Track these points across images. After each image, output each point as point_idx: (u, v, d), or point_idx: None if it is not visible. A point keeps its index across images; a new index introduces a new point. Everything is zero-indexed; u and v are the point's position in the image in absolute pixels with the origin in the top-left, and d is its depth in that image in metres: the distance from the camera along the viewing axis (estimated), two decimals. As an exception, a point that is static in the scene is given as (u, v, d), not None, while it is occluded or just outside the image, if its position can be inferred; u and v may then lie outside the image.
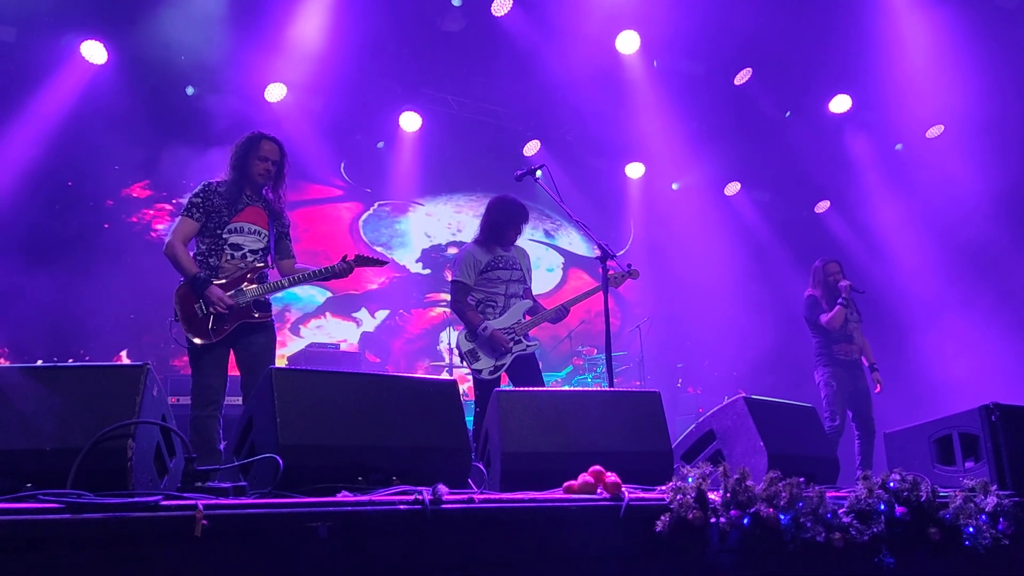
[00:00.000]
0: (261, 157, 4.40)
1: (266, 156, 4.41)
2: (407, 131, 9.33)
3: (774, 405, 3.64)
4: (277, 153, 4.46)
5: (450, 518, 2.10)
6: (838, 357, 6.38)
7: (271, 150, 4.44)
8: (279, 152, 4.48)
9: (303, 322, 9.09)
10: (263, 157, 4.40)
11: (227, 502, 1.96)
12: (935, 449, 3.73)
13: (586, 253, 10.98)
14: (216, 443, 4.01)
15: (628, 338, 9.37)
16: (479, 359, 4.93)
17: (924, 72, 8.52)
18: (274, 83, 8.34)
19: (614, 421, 3.10)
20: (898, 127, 9.59)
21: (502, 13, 8.02)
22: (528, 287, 5.30)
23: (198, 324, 4.11)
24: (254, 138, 4.45)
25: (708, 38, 8.29)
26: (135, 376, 2.34)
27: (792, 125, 9.80)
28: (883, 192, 9.91)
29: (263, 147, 4.42)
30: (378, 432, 2.65)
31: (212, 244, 4.27)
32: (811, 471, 3.30)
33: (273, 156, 4.44)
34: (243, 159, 4.40)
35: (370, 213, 9.94)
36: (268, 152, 4.42)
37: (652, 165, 10.42)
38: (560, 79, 8.69)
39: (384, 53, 8.46)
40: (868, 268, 9.71)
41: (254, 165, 4.39)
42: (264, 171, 4.40)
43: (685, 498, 2.33)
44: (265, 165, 4.40)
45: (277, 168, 4.47)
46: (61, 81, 7.46)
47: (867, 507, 2.65)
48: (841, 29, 8.38)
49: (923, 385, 8.55)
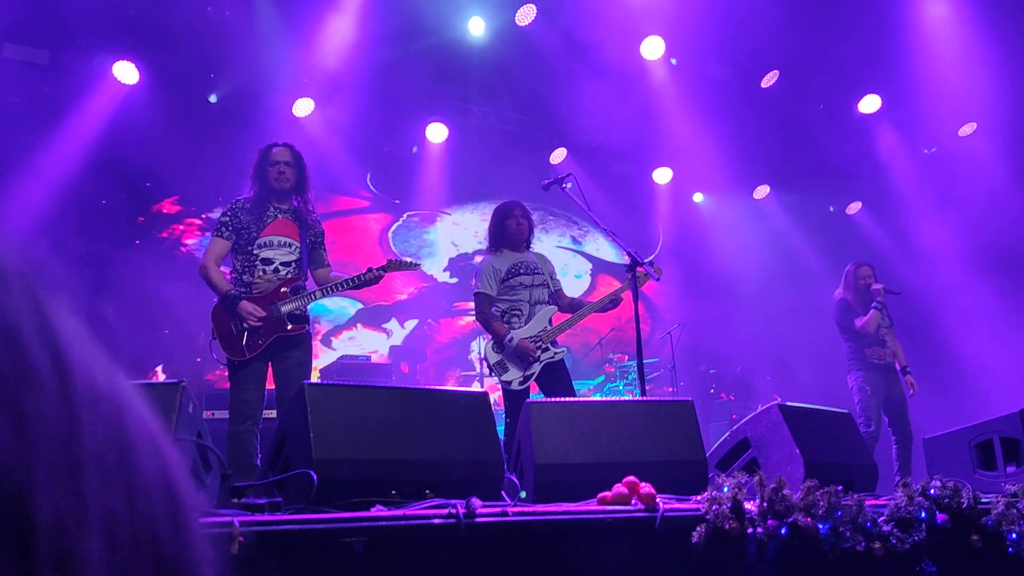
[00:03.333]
0: (272, 162, 4.47)
1: (276, 160, 4.47)
2: (433, 142, 9.37)
3: (809, 412, 3.59)
4: (288, 155, 4.52)
5: (484, 531, 2.10)
6: (871, 361, 6.30)
7: (280, 153, 4.51)
8: (290, 154, 4.53)
9: (335, 334, 9.14)
10: (274, 161, 4.47)
11: (263, 518, 1.97)
12: (976, 454, 3.66)
13: (614, 259, 10.94)
14: (253, 457, 4.05)
15: (659, 344, 9.31)
16: (508, 370, 4.93)
17: (955, 69, 8.39)
18: (302, 98, 8.43)
19: (647, 430, 3.08)
20: (930, 126, 9.45)
21: (526, 23, 8.04)
22: (557, 290, 5.28)
23: (233, 341, 4.17)
24: (264, 148, 4.55)
25: (733, 41, 8.25)
26: (171, 394, 2.37)
27: (822, 126, 9.70)
28: (916, 192, 9.76)
29: (272, 153, 4.50)
30: (411, 445, 2.66)
31: (244, 261, 4.34)
32: (849, 478, 3.25)
33: (284, 158, 4.49)
34: (259, 170, 4.49)
35: (399, 224, 9.99)
36: (278, 155, 4.49)
37: (680, 170, 10.36)
38: (585, 86, 8.68)
39: (409, 65, 8.52)
40: (902, 270, 9.56)
41: (268, 172, 4.46)
42: (278, 174, 4.46)
43: (721, 508, 2.31)
44: (278, 168, 4.46)
45: (295, 172, 4.51)
46: (94, 102, 7.58)
47: (907, 515, 2.61)
48: (869, 27, 8.29)
49: (962, 389, 8.39)
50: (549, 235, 10.73)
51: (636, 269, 4.60)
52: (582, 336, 8.06)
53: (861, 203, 10.69)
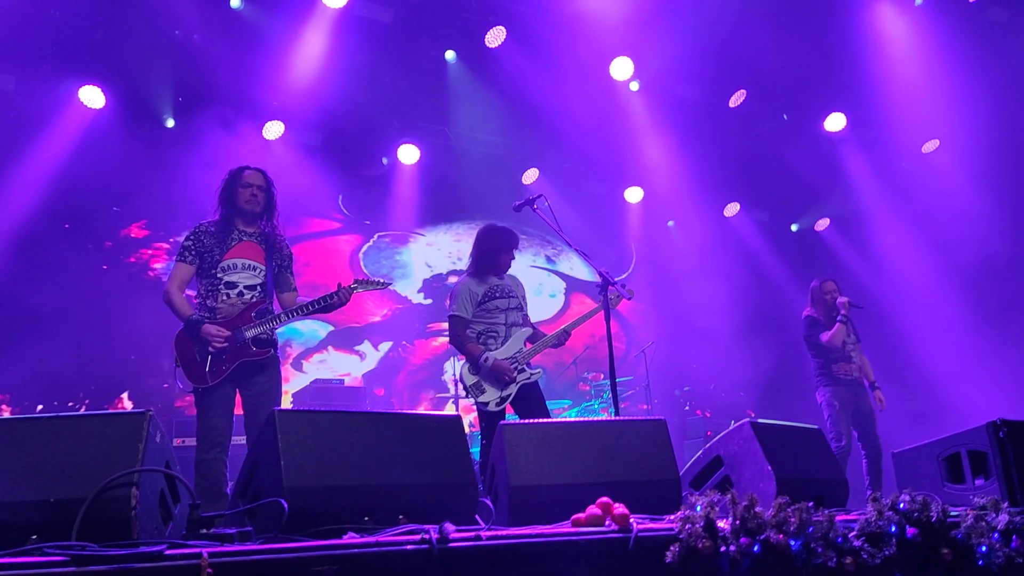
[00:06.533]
0: (244, 184, 4.42)
1: (249, 182, 4.43)
2: (405, 163, 9.39)
3: (781, 429, 3.62)
4: (261, 179, 4.48)
5: (458, 556, 2.09)
6: (838, 376, 6.36)
7: (253, 176, 4.46)
8: (263, 178, 4.49)
9: (305, 357, 9.07)
10: (246, 184, 4.42)
11: (232, 548, 1.95)
12: (944, 467, 3.70)
13: (588, 277, 10.98)
14: (223, 485, 3.99)
15: (634, 362, 9.34)
16: (484, 391, 4.92)
17: (918, 88, 8.58)
18: (272, 121, 8.41)
19: (621, 450, 3.09)
20: (894, 143, 9.62)
21: (496, 44, 8.11)
22: (526, 314, 5.30)
23: (197, 368, 4.11)
24: (235, 170, 4.50)
25: (701, 61, 8.37)
26: (138, 423, 2.34)
27: (789, 144, 9.85)
28: (882, 208, 9.93)
29: (245, 175, 4.45)
30: (383, 470, 2.64)
31: (208, 285, 4.27)
32: (821, 494, 3.28)
33: (257, 182, 4.45)
34: (229, 192, 4.43)
35: (370, 245, 9.96)
36: (251, 178, 4.44)
37: (651, 189, 10.45)
38: (556, 107, 8.76)
39: (380, 87, 8.54)
40: (870, 285, 9.70)
41: (239, 194, 4.40)
42: (250, 197, 4.41)
43: (694, 527, 2.31)
44: (250, 191, 4.41)
45: (265, 195, 4.46)
46: (60, 126, 7.51)
47: (878, 529, 2.62)
48: (834, 47, 8.46)
49: (929, 402, 8.50)
50: (523, 254, 10.68)
51: (607, 290, 4.64)
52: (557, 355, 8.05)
53: (829, 220, 10.84)
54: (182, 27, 7.46)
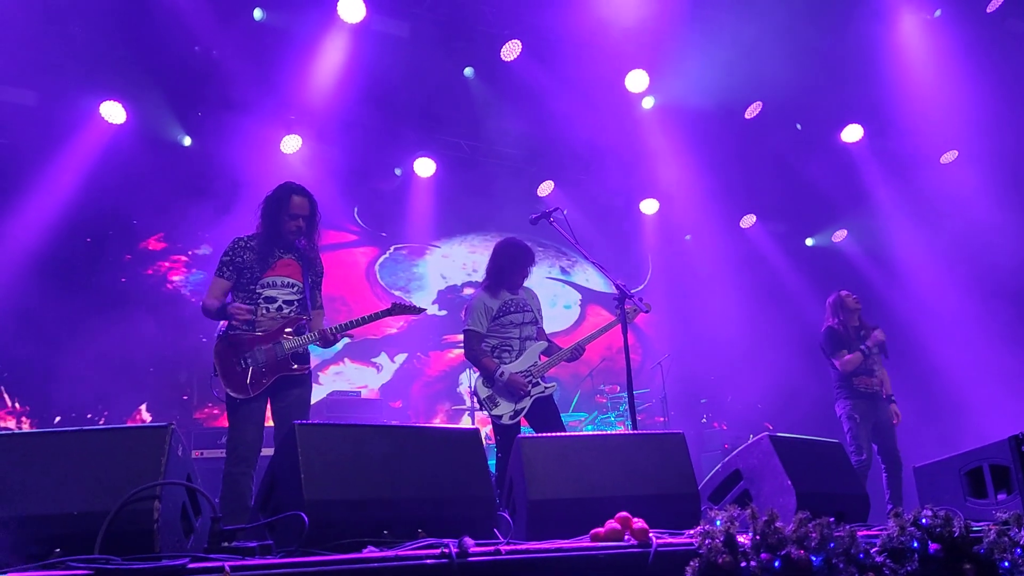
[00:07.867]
0: (292, 215, 4.36)
1: (296, 213, 4.37)
2: (421, 176, 9.42)
3: (800, 442, 3.60)
4: (307, 208, 4.41)
5: (477, 571, 2.08)
6: (859, 389, 6.31)
7: (301, 205, 4.38)
8: (309, 206, 4.42)
9: (322, 369, 9.10)
10: (293, 215, 4.37)
11: (254, 562, 1.96)
12: (966, 482, 3.67)
13: (603, 289, 10.96)
14: (248, 500, 3.99)
15: (650, 375, 9.31)
16: (498, 404, 4.93)
17: (936, 98, 8.54)
18: (290, 135, 8.47)
19: (639, 464, 3.08)
20: (912, 154, 9.57)
21: (512, 58, 8.15)
22: (541, 327, 5.30)
23: (237, 378, 4.14)
24: (283, 194, 4.41)
25: (717, 73, 8.36)
26: (160, 437, 2.36)
27: (806, 155, 9.82)
28: (900, 219, 9.86)
29: (293, 203, 4.37)
30: (402, 484, 2.65)
31: (247, 299, 4.29)
32: (841, 508, 3.26)
33: (303, 211, 4.39)
34: (274, 216, 4.38)
35: (386, 257, 10.00)
36: (298, 208, 4.37)
37: (666, 201, 10.43)
38: (571, 119, 8.77)
39: (397, 100, 8.59)
40: (888, 297, 9.63)
41: (285, 223, 4.36)
42: (295, 228, 4.38)
43: (714, 542, 2.30)
44: (296, 223, 4.38)
45: (308, 223, 4.43)
46: (81, 142, 7.59)
47: (900, 545, 2.60)
48: (851, 58, 8.44)
49: (950, 416, 8.42)
50: (539, 266, 10.72)
51: (624, 304, 4.63)
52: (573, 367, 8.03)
53: (846, 231, 10.78)
54: (201, 43, 7.54)
